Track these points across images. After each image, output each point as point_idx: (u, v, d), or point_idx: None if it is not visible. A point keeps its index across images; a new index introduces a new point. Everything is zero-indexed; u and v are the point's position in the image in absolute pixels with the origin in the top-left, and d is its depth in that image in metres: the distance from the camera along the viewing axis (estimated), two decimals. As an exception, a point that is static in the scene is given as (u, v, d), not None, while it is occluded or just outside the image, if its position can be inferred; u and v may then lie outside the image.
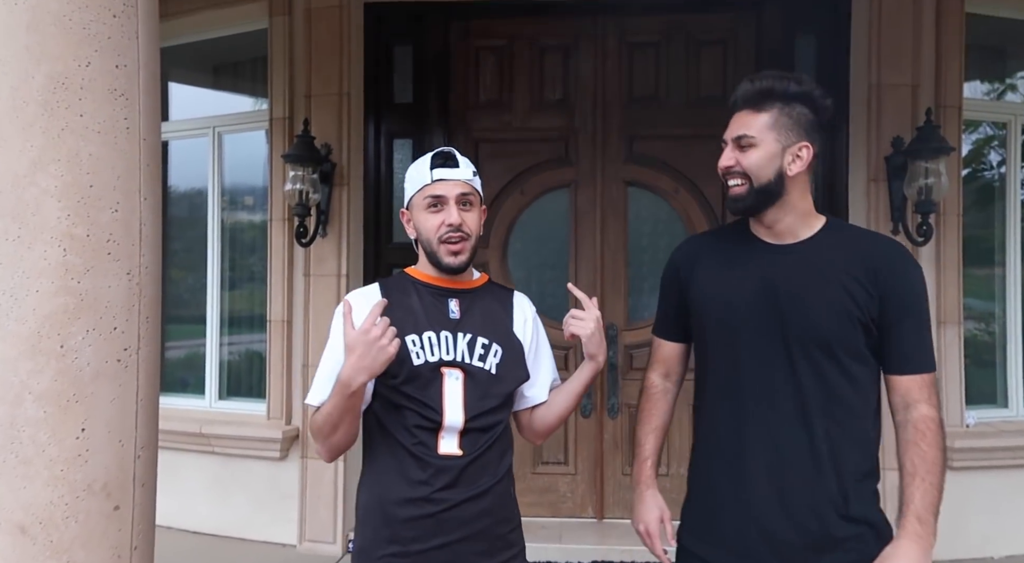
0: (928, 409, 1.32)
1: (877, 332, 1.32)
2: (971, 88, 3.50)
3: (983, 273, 3.59)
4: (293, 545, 3.43)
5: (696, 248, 1.56)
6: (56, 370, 1.08)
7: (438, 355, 1.39)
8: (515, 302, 1.56)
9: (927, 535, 1.27)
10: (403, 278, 1.50)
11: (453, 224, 1.40)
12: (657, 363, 1.60)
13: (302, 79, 3.49)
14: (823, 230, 1.40)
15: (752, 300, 1.37)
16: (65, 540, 1.07)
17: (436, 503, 1.34)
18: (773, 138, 1.34)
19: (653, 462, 1.56)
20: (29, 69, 1.11)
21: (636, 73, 3.57)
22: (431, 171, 1.43)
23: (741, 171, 1.36)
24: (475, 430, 1.38)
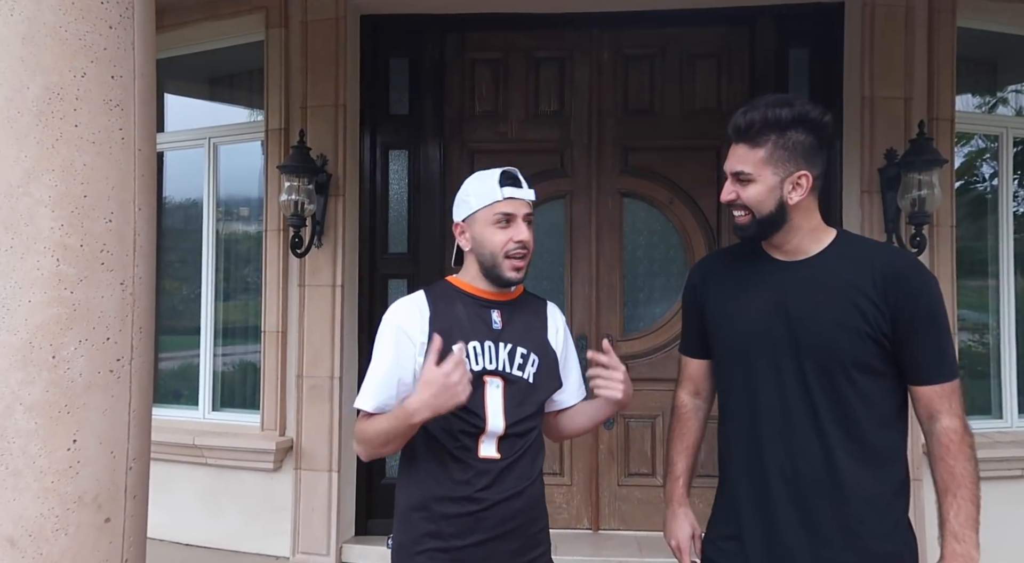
0: (950, 420, 1.31)
1: (892, 345, 1.31)
2: (963, 101, 3.53)
3: (976, 284, 3.60)
4: (286, 557, 3.40)
5: (709, 267, 1.57)
6: (48, 381, 1.07)
7: (482, 364, 1.45)
8: (549, 313, 1.62)
9: (967, 551, 1.26)
10: (447, 287, 1.55)
11: (523, 241, 1.47)
12: (686, 381, 1.61)
13: (298, 90, 3.50)
14: (833, 244, 1.39)
15: (763, 320, 1.38)
16: (55, 553, 1.06)
17: (477, 502, 1.41)
18: (770, 172, 1.33)
19: (685, 481, 1.58)
20: (24, 80, 1.11)
21: (631, 85, 3.59)
22: (501, 188, 1.48)
23: (742, 203, 1.37)
24: (513, 435, 1.45)
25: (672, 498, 1.59)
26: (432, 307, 1.48)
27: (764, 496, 1.37)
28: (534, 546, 1.51)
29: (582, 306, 3.55)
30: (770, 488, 1.35)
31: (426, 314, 1.47)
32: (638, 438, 3.52)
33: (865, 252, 1.38)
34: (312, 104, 3.47)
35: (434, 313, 1.47)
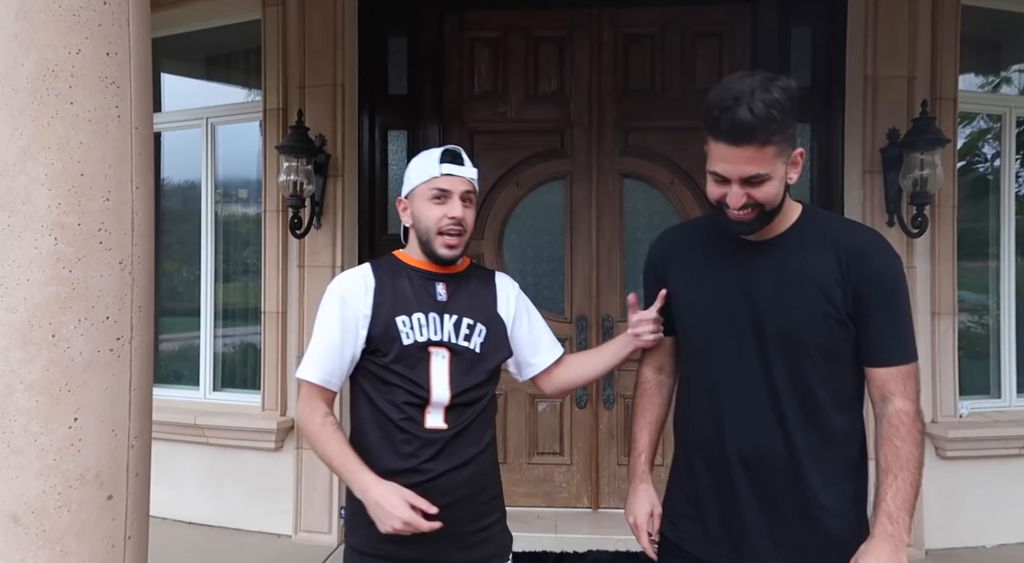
0: (903, 402, 1.27)
1: (854, 325, 1.28)
2: (966, 81, 3.51)
3: (977, 265, 3.60)
4: (288, 535, 3.44)
5: (672, 244, 1.53)
6: (48, 359, 1.08)
7: (426, 335, 1.46)
8: (497, 283, 1.64)
9: (899, 534, 1.23)
10: (394, 261, 1.57)
11: (455, 217, 1.48)
12: (650, 357, 1.60)
13: (296, 70, 3.47)
14: (799, 222, 1.36)
15: (728, 303, 1.35)
16: (58, 530, 1.07)
17: (422, 473, 1.42)
18: (781, 163, 1.26)
19: (648, 457, 1.56)
20: (18, 56, 1.10)
21: (632, 65, 3.56)
22: (440, 165, 1.50)
23: (754, 203, 1.27)
24: (460, 405, 1.46)
25: (634, 474, 1.56)
26: (377, 279, 1.50)
27: (724, 480, 1.35)
28: (487, 514, 1.52)
29: (582, 287, 3.55)
30: (730, 472, 1.34)
31: (371, 286, 1.49)
32: (637, 418, 3.53)
33: (830, 231, 1.34)
34: (310, 84, 3.45)
35: (379, 285, 1.49)
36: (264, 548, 3.34)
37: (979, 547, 3.24)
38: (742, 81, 1.21)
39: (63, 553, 1.07)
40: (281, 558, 3.22)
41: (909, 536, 1.24)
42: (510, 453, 3.58)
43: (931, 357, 3.26)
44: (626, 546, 3.14)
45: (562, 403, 3.58)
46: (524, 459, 3.58)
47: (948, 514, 3.23)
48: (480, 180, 1.60)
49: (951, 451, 3.20)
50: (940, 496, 3.21)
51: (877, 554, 1.22)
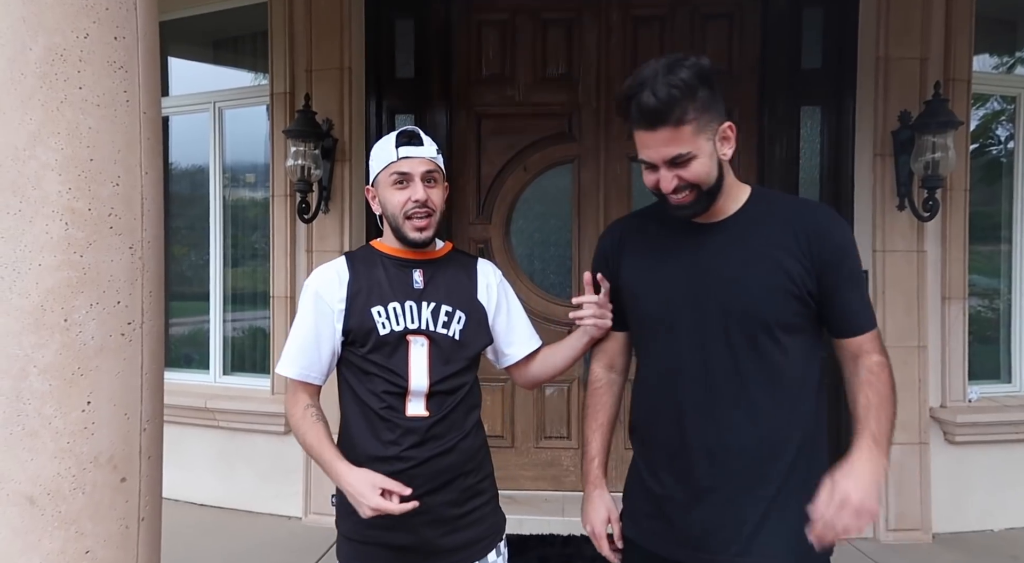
0: (879, 357, 1.29)
1: (816, 303, 1.27)
2: (980, 61, 3.46)
3: (988, 249, 3.58)
4: (298, 517, 3.48)
5: (622, 233, 1.48)
6: (60, 343, 1.08)
7: (403, 324, 1.45)
8: (479, 269, 1.61)
9: (880, 458, 1.21)
10: (369, 251, 1.56)
11: (419, 200, 1.46)
12: (600, 354, 1.55)
13: (303, 53, 3.46)
14: (750, 202, 1.33)
15: (685, 288, 1.31)
16: (73, 511, 1.09)
17: (405, 460, 1.42)
18: (705, 139, 1.23)
19: (601, 461, 1.51)
20: (26, 41, 1.10)
21: (641, 47, 3.52)
22: (396, 149, 1.48)
23: (687, 184, 1.25)
24: (441, 393, 1.46)
25: (587, 480, 1.51)
26: (352, 271, 1.50)
27: (687, 473, 1.31)
28: (474, 496, 1.51)
29: (590, 271, 3.54)
30: (692, 465, 1.30)
31: (345, 279, 1.48)
32: (644, 402, 3.54)
33: (783, 208, 1.33)
34: (317, 67, 3.43)
35: (353, 277, 1.49)
36: (274, 530, 3.38)
37: (987, 531, 3.25)
38: (648, 66, 1.23)
39: (78, 534, 1.09)
40: (291, 539, 3.26)
41: (888, 461, 1.24)
42: (517, 437, 3.60)
43: (941, 342, 3.25)
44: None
45: (569, 387, 3.59)
46: (532, 443, 3.60)
47: (956, 498, 3.23)
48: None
49: (960, 436, 3.20)
50: (948, 481, 3.21)
51: (860, 471, 1.19)
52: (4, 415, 1.06)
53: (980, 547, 3.11)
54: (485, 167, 3.60)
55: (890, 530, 3.15)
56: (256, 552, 3.12)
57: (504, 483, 3.15)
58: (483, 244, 3.59)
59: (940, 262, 3.25)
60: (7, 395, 1.06)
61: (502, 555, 1.56)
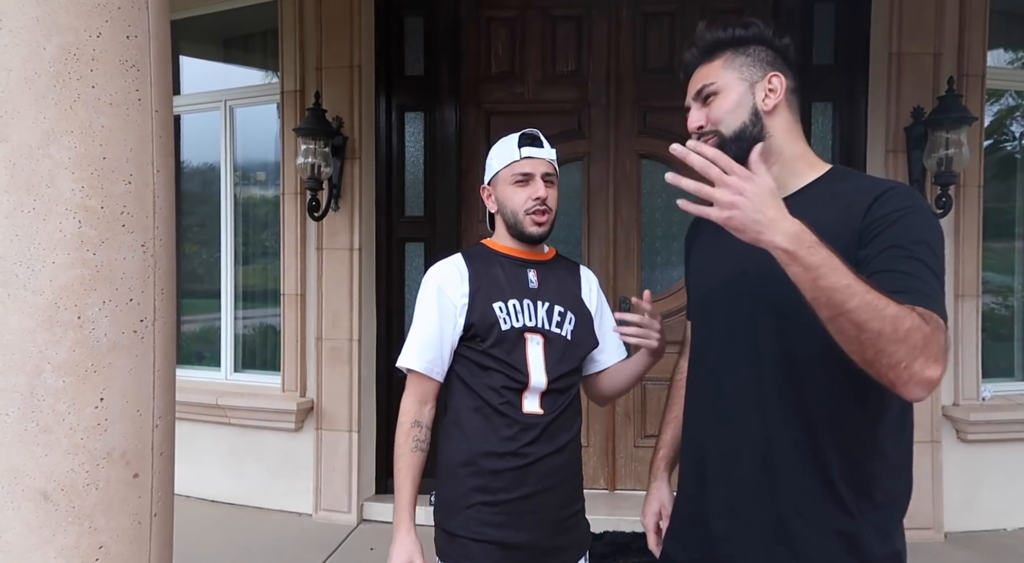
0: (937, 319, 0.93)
1: None
2: (995, 56, 3.43)
3: (1002, 246, 3.54)
4: (309, 514, 3.50)
5: (696, 224, 1.41)
6: (74, 341, 1.09)
7: (522, 321, 1.48)
8: (583, 274, 1.66)
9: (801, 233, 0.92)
10: (484, 249, 1.59)
11: (540, 197, 1.51)
12: (685, 347, 1.50)
13: (313, 52, 3.47)
14: (819, 180, 1.15)
15: (725, 276, 1.20)
16: (87, 506, 1.09)
17: (523, 457, 1.45)
18: (735, 78, 1.17)
19: (665, 453, 1.48)
20: (40, 40, 1.10)
21: (650, 44, 3.51)
22: (519, 149, 1.53)
23: (712, 128, 1.17)
24: (555, 391, 1.48)
25: (650, 470, 1.51)
26: (471, 268, 1.52)
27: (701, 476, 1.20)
28: (576, 499, 1.55)
29: (599, 269, 3.53)
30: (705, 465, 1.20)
31: (465, 275, 1.51)
32: (654, 400, 3.54)
33: (854, 190, 1.09)
34: (327, 65, 3.44)
35: (473, 273, 1.51)
36: (285, 526, 3.40)
37: (999, 530, 3.23)
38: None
39: (92, 529, 1.10)
40: (302, 536, 3.28)
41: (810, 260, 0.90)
42: (527, 434, 3.60)
43: (954, 339, 3.23)
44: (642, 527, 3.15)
45: (579, 385, 3.58)
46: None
47: (968, 497, 3.21)
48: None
49: (972, 434, 3.18)
50: (960, 479, 3.19)
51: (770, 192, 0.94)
52: (19, 411, 1.07)
53: (992, 546, 3.08)
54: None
55: (902, 529, 3.13)
56: (267, 548, 3.14)
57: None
58: (492, 241, 3.59)
59: (953, 259, 3.22)
60: (22, 392, 1.07)
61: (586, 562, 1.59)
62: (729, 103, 1.17)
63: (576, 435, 1.55)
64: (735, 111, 1.16)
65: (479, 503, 1.46)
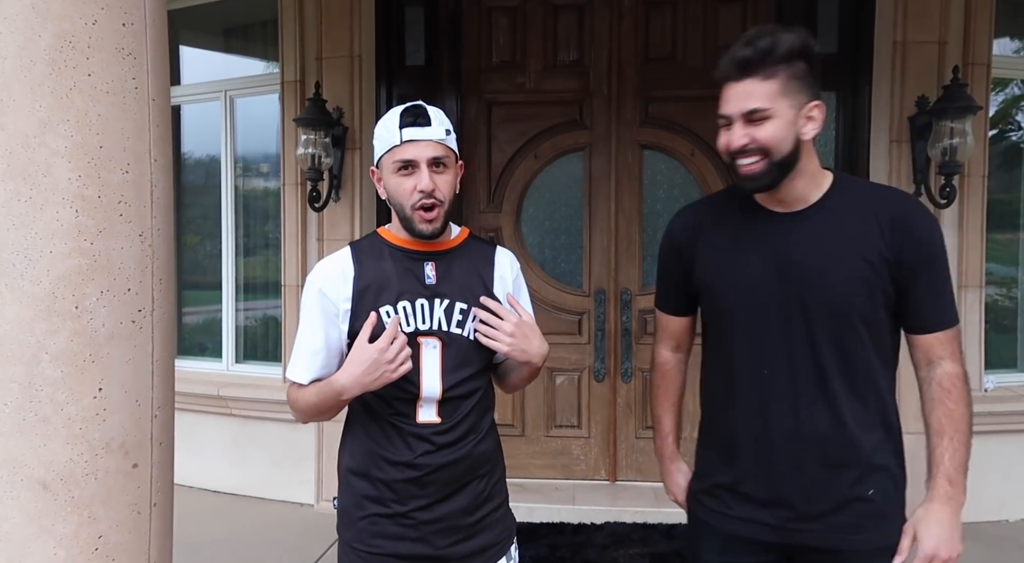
0: (952, 365, 1.27)
1: (895, 293, 1.26)
2: (1000, 45, 3.39)
3: (1006, 237, 3.53)
4: (311, 504, 3.51)
5: (695, 221, 1.44)
6: (71, 331, 1.09)
7: (414, 325, 1.34)
8: (496, 259, 1.46)
9: (958, 495, 1.25)
10: (376, 240, 1.42)
11: (425, 191, 1.30)
12: (667, 338, 1.56)
13: (313, 41, 3.45)
14: (832, 190, 1.31)
15: (766, 280, 1.30)
16: (85, 496, 1.09)
17: (418, 468, 1.34)
18: (787, 105, 1.22)
19: (675, 437, 1.56)
20: (35, 27, 1.09)
21: (652, 33, 3.49)
22: (400, 130, 1.31)
23: (757, 147, 1.23)
24: (455, 398, 1.36)
25: (664, 455, 1.56)
26: (357, 265, 1.36)
27: (769, 459, 1.31)
28: (486, 500, 1.42)
29: (600, 260, 3.53)
30: (774, 451, 1.30)
31: (350, 275, 1.36)
32: (656, 391, 3.53)
33: (868, 197, 1.30)
34: (327, 55, 3.43)
35: (359, 273, 1.35)
36: (287, 517, 3.41)
37: (1002, 521, 3.23)
38: (762, 28, 1.25)
39: (91, 519, 1.10)
40: (303, 526, 3.29)
41: (965, 496, 1.25)
42: (528, 426, 3.61)
43: (957, 330, 3.21)
44: (643, 518, 3.17)
45: (580, 377, 3.59)
46: (542, 432, 3.60)
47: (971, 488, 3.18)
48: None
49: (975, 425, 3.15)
50: (962, 470, 3.18)
51: (940, 519, 1.24)
52: (17, 401, 1.07)
53: (995, 537, 3.08)
54: (496, 155, 3.59)
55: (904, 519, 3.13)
56: (269, 538, 3.15)
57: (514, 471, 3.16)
58: (494, 233, 3.58)
59: (957, 250, 3.20)
60: (20, 382, 1.07)
61: (513, 559, 1.49)
62: (779, 131, 1.23)
63: (485, 436, 1.41)
64: (785, 139, 1.23)
65: (373, 514, 1.36)
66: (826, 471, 1.29)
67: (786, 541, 1.32)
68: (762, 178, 1.25)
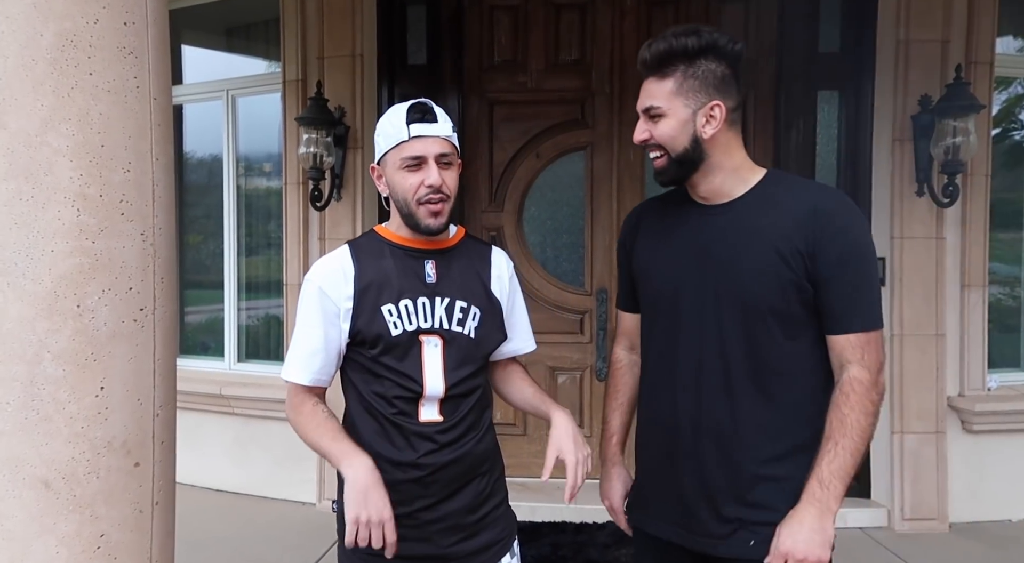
0: (858, 370, 1.22)
1: (813, 289, 1.23)
2: (1003, 44, 3.38)
3: (1009, 236, 3.52)
4: (312, 503, 3.51)
5: (638, 215, 1.49)
6: (73, 329, 1.09)
7: (416, 323, 1.34)
8: (493, 259, 1.48)
9: (827, 500, 1.19)
10: (374, 239, 1.43)
11: (434, 185, 1.31)
12: (621, 336, 1.56)
13: (315, 40, 3.45)
14: (759, 185, 1.30)
15: (683, 270, 1.32)
16: (88, 495, 1.09)
17: (421, 468, 1.34)
18: (681, 104, 1.26)
19: (619, 439, 1.53)
20: (37, 26, 1.10)
21: (655, 32, 3.43)
22: (408, 126, 1.32)
23: (656, 143, 1.29)
24: (456, 396, 1.37)
25: (605, 457, 1.53)
26: (357, 264, 1.36)
27: (674, 452, 1.32)
28: (488, 498, 1.44)
29: (602, 259, 3.52)
30: (680, 443, 1.31)
31: (350, 274, 1.36)
32: (658, 390, 3.53)
33: (790, 192, 1.28)
34: (329, 54, 3.43)
35: (359, 271, 1.35)
36: (289, 515, 3.41)
37: (1004, 521, 3.22)
38: (676, 28, 1.28)
39: (93, 517, 1.10)
40: (305, 525, 3.29)
41: (838, 505, 1.20)
42: (530, 425, 3.60)
43: (960, 330, 3.21)
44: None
45: (582, 376, 3.58)
46: (544, 431, 3.58)
47: (973, 488, 3.20)
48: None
49: (978, 425, 3.16)
50: (965, 470, 3.18)
51: (801, 519, 1.20)
52: (19, 400, 1.07)
53: (997, 537, 3.07)
54: (497, 154, 3.58)
55: (905, 519, 3.13)
56: (271, 537, 3.15)
57: (516, 471, 3.16)
58: (495, 232, 3.58)
59: (960, 249, 3.20)
60: (22, 380, 1.07)
61: (516, 555, 1.49)
62: (672, 129, 1.27)
63: (485, 433, 1.43)
64: (678, 137, 1.27)
65: None
66: (722, 471, 1.27)
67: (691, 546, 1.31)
68: (665, 172, 1.32)
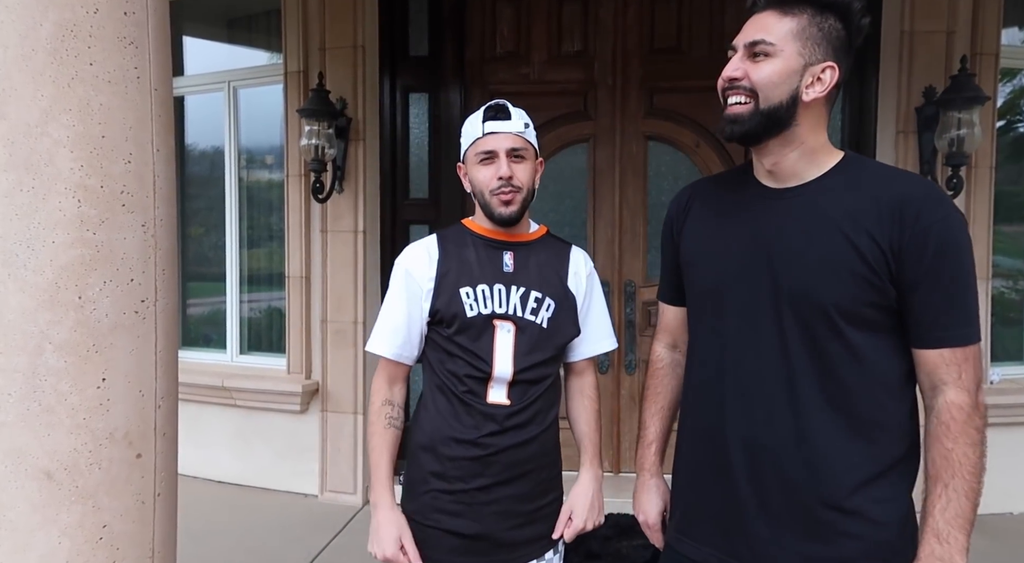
0: (956, 393, 1.03)
1: (897, 292, 1.05)
2: (1009, 35, 3.36)
3: (1013, 230, 3.50)
4: (315, 495, 3.52)
5: (690, 196, 1.32)
6: (75, 321, 1.09)
7: (491, 308, 1.42)
8: (572, 256, 1.56)
9: (948, 556, 1.01)
10: (460, 230, 1.53)
11: (504, 177, 1.42)
12: (662, 332, 1.43)
13: (316, 32, 3.44)
14: (835, 169, 1.12)
15: (741, 260, 1.15)
16: (90, 486, 1.10)
17: (483, 447, 1.41)
18: (796, 50, 1.07)
19: (658, 447, 1.39)
20: (37, 16, 1.09)
21: (657, 23, 3.46)
22: (483, 124, 1.45)
23: (748, 86, 1.10)
24: (524, 382, 1.43)
25: (643, 466, 1.40)
26: (442, 250, 1.47)
27: (724, 468, 1.15)
28: (545, 492, 1.50)
29: (605, 252, 3.52)
30: (730, 459, 1.14)
31: (435, 258, 1.46)
32: (660, 383, 3.52)
33: (874, 179, 1.10)
34: (331, 46, 3.41)
35: (442, 256, 1.46)
36: (291, 507, 3.42)
37: (1006, 514, 3.22)
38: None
39: (95, 508, 1.10)
40: (308, 517, 3.30)
41: (964, 558, 1.01)
42: (538, 418, 3.60)
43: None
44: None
45: (584, 368, 3.58)
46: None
47: (974, 481, 3.20)
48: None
49: (980, 418, 3.16)
50: (967, 463, 3.17)
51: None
52: (21, 391, 1.07)
53: (1000, 530, 3.08)
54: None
55: (907, 512, 3.13)
56: (273, 528, 3.16)
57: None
58: (497, 224, 3.57)
59: (963, 242, 3.18)
60: (24, 371, 1.07)
61: (559, 554, 1.54)
62: (775, 74, 1.09)
63: (550, 426, 1.49)
64: (779, 85, 1.09)
65: (435, 489, 1.44)
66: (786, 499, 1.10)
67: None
68: (745, 122, 1.11)
